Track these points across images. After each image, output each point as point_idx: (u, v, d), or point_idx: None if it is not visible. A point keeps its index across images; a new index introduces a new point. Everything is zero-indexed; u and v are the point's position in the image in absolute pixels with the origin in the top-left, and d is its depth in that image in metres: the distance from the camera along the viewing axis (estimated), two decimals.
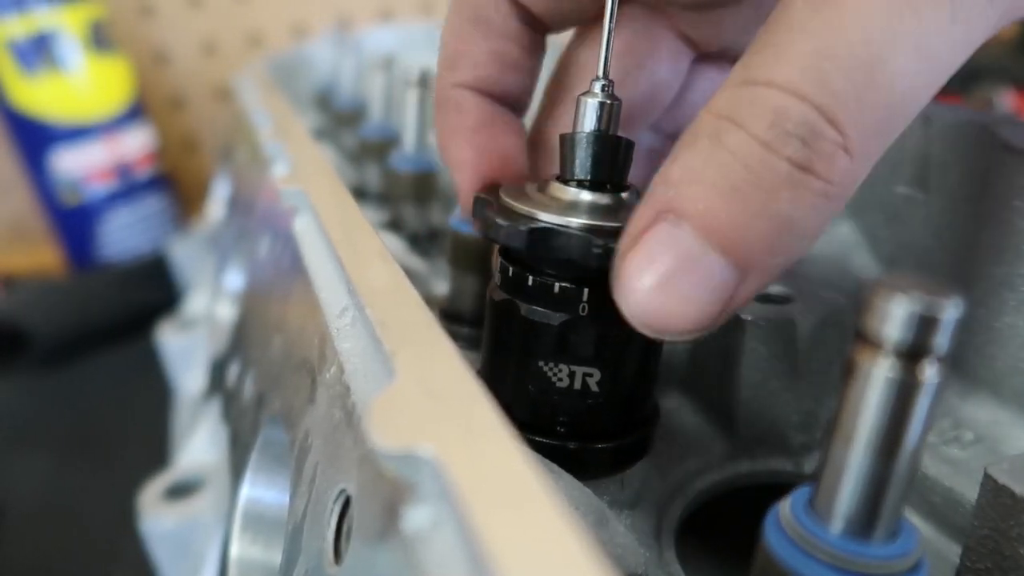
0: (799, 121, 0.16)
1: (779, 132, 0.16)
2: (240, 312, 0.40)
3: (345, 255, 0.21)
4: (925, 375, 0.13)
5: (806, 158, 0.16)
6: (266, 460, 0.26)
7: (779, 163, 0.16)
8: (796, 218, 0.16)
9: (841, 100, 0.16)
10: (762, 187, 0.16)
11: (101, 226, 0.77)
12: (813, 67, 0.16)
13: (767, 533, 0.16)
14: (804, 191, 0.16)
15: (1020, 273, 0.25)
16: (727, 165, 0.16)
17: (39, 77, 0.71)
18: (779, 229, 0.16)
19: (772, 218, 0.16)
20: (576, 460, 0.21)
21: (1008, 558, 0.18)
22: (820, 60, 0.16)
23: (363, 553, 0.14)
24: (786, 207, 0.16)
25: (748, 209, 0.16)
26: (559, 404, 0.21)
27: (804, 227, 0.17)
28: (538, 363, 0.21)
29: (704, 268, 0.17)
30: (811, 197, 0.16)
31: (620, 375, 0.21)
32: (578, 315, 0.20)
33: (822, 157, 0.16)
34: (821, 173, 0.16)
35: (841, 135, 0.16)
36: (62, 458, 0.51)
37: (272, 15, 0.96)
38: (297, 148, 0.34)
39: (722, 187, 0.16)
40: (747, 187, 0.16)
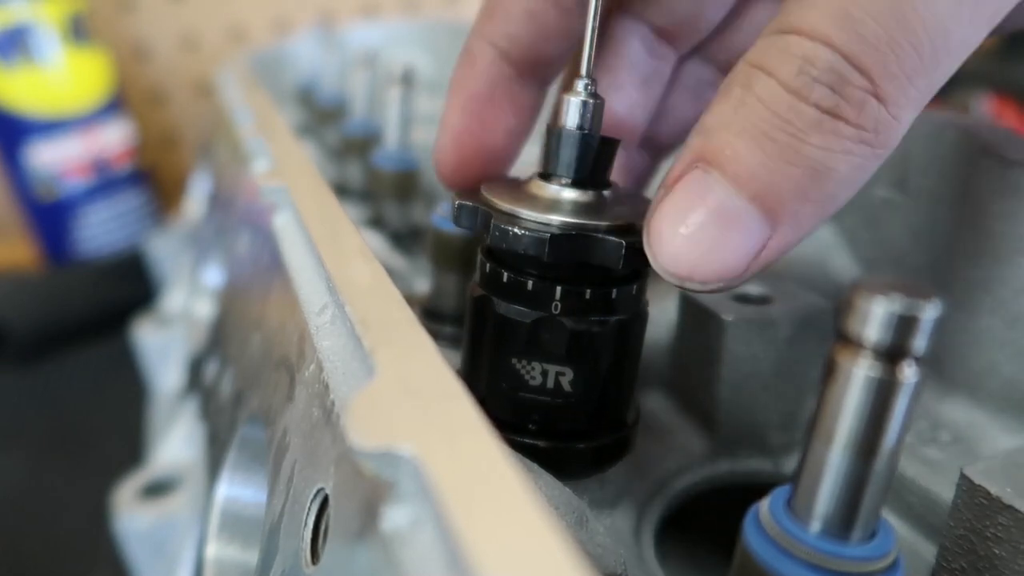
0: (826, 67, 0.16)
1: (806, 79, 0.16)
2: (219, 309, 0.40)
3: (326, 252, 0.21)
4: (904, 375, 0.13)
5: (834, 104, 0.16)
6: (243, 459, 0.26)
7: (807, 109, 0.16)
8: (827, 165, 0.16)
9: (869, 45, 0.15)
10: (790, 133, 0.16)
11: (78, 221, 0.76)
12: (840, 13, 0.16)
13: (746, 533, 0.16)
14: (834, 137, 0.16)
15: (997, 276, 0.25)
16: (756, 112, 0.16)
17: (16, 70, 0.70)
18: (809, 176, 0.16)
19: (801, 164, 0.16)
20: (553, 459, 0.21)
21: (983, 558, 0.18)
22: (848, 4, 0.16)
23: (341, 553, 0.14)
24: (816, 153, 0.16)
25: (777, 155, 0.16)
26: (532, 402, 0.21)
27: (836, 175, 0.16)
28: (511, 360, 0.21)
29: (734, 216, 0.16)
30: (842, 143, 0.16)
31: (594, 375, 0.21)
32: (551, 313, 0.20)
33: (851, 103, 0.16)
34: (851, 119, 0.16)
35: (870, 81, 0.16)
36: (37, 455, 0.50)
37: (254, 10, 0.96)
38: (279, 144, 0.34)
39: (752, 134, 0.16)
40: (776, 133, 0.16)
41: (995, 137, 0.26)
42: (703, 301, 0.26)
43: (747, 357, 0.26)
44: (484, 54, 0.24)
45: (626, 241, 0.18)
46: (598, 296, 0.20)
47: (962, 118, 0.28)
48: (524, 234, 0.19)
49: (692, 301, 0.27)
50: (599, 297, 0.20)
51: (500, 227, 0.19)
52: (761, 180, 0.16)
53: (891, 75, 0.16)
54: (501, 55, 0.24)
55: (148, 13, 0.91)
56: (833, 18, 0.16)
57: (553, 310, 0.20)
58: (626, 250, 0.18)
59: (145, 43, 0.92)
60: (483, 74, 0.24)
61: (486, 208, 0.20)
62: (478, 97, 0.24)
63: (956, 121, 0.27)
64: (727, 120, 0.17)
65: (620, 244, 0.19)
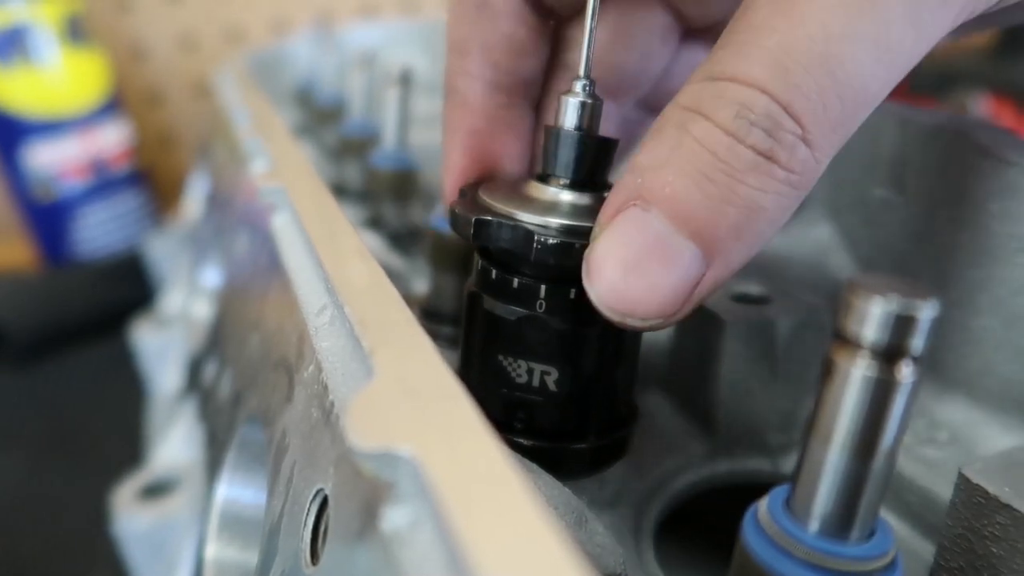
0: (763, 113, 0.16)
1: (743, 122, 0.16)
2: (217, 310, 0.40)
3: (324, 253, 0.21)
4: (902, 374, 0.13)
5: (769, 147, 0.16)
6: (243, 460, 0.26)
7: (744, 151, 0.16)
8: (761, 204, 0.17)
9: (801, 94, 0.16)
10: (728, 173, 0.17)
11: (76, 222, 0.76)
12: (775, 63, 0.16)
13: (745, 532, 0.16)
14: (768, 178, 0.17)
15: (995, 276, 0.25)
16: (694, 152, 0.17)
17: (13, 70, 0.70)
18: (745, 215, 0.17)
19: (738, 204, 0.17)
20: (547, 458, 0.21)
21: (981, 557, 0.18)
22: (782, 55, 0.16)
23: (340, 553, 0.14)
24: (752, 193, 0.17)
25: (715, 194, 0.17)
26: (518, 400, 0.21)
27: (768, 214, 0.17)
28: (498, 357, 0.21)
29: (672, 252, 0.17)
30: (775, 184, 0.17)
31: (579, 375, 0.21)
32: (535, 312, 0.20)
33: (784, 147, 0.17)
34: (783, 162, 0.17)
35: (800, 127, 0.16)
36: (36, 456, 0.50)
37: (252, 10, 0.96)
38: (277, 145, 0.34)
39: (689, 173, 0.17)
40: (714, 173, 0.17)
41: (992, 137, 0.26)
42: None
43: (745, 357, 0.26)
44: (473, 90, 0.24)
45: None
46: (584, 296, 0.20)
47: (960, 118, 0.28)
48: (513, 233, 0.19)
49: None
50: (585, 297, 0.20)
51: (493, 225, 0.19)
52: (700, 218, 0.17)
53: (819, 123, 0.17)
54: (490, 86, 0.24)
55: (146, 13, 0.91)
56: (769, 68, 0.16)
57: (538, 308, 0.20)
58: None
59: (143, 43, 0.92)
60: (479, 110, 0.24)
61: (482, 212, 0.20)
62: (478, 133, 0.24)
63: (953, 121, 0.27)
64: (663, 160, 0.17)
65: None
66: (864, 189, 0.31)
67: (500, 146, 0.24)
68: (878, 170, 0.30)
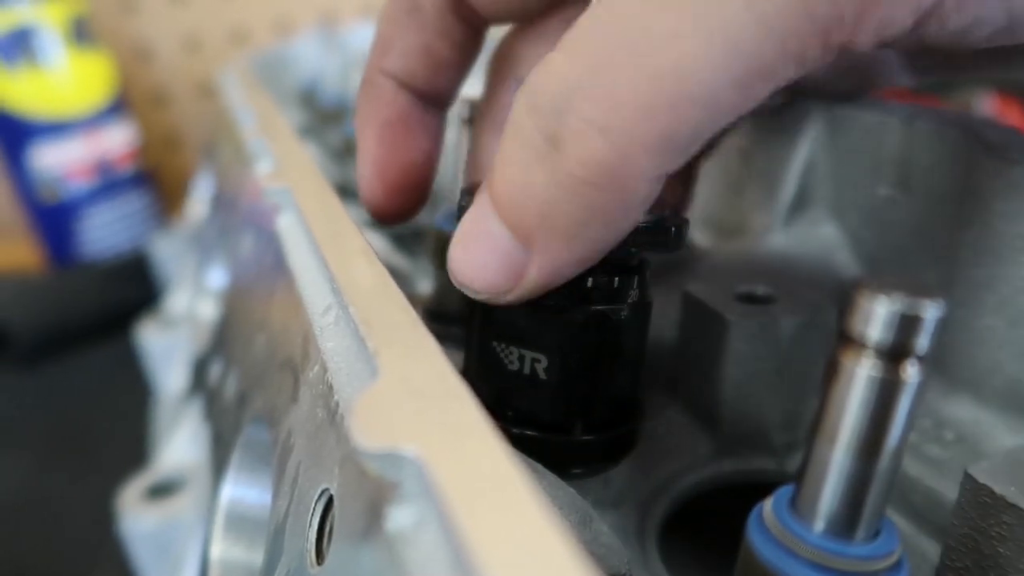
0: (555, 89, 0.15)
1: (533, 101, 0.16)
2: (222, 310, 0.40)
3: (329, 253, 0.21)
4: (907, 374, 0.13)
5: (555, 132, 0.15)
6: (248, 460, 0.26)
7: (533, 136, 0.16)
8: (554, 196, 0.16)
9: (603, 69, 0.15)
10: (521, 161, 0.16)
11: (81, 223, 0.77)
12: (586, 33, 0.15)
13: (750, 532, 0.16)
14: (555, 171, 0.15)
15: (1000, 275, 0.25)
16: (506, 134, 0.17)
17: (19, 72, 0.70)
18: (544, 209, 0.16)
19: (534, 197, 0.16)
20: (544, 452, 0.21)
21: (988, 557, 0.18)
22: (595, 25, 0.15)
23: (345, 553, 0.14)
24: (542, 186, 0.16)
25: (515, 181, 0.16)
26: (510, 388, 0.21)
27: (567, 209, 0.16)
28: (492, 343, 0.21)
29: (489, 236, 0.17)
30: (564, 179, 0.15)
31: (569, 365, 0.20)
32: None
33: (572, 133, 0.15)
34: (570, 152, 0.15)
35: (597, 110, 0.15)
36: (41, 457, 0.50)
37: (256, 11, 0.96)
38: (281, 145, 0.34)
39: (503, 160, 0.17)
40: (513, 159, 0.16)
41: (998, 136, 0.26)
42: (706, 300, 0.26)
43: (750, 356, 0.26)
44: (385, 85, 0.25)
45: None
46: (573, 284, 0.19)
47: (965, 116, 0.27)
48: None
49: (695, 300, 0.27)
50: (574, 285, 0.19)
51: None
52: (507, 204, 0.17)
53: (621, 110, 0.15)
54: (403, 87, 0.25)
55: (150, 15, 0.91)
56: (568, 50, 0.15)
57: None
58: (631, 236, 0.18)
59: (147, 44, 0.92)
60: (389, 104, 0.25)
61: None
62: (391, 124, 0.25)
63: (959, 119, 0.27)
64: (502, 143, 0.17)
65: None
66: (869, 188, 0.31)
67: (411, 139, 0.25)
68: (883, 169, 0.30)
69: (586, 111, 0.15)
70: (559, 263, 0.17)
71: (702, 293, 0.27)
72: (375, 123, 0.25)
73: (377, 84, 0.25)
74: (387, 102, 0.25)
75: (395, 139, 0.25)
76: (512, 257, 0.17)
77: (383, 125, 0.25)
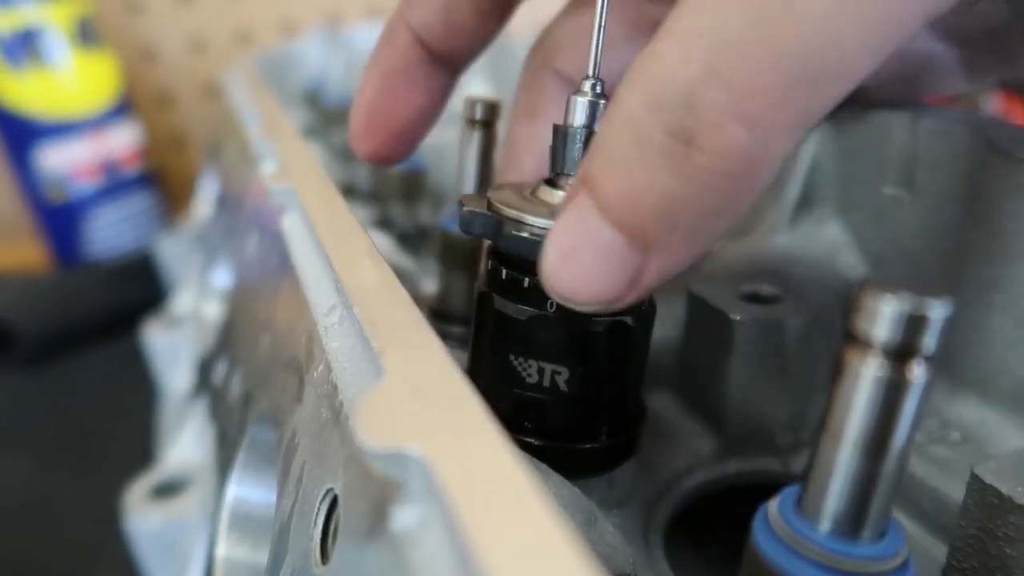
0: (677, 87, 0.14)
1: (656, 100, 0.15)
2: (227, 310, 0.40)
3: (334, 253, 0.21)
4: (913, 374, 0.13)
5: (684, 129, 0.14)
6: (253, 459, 0.26)
7: (656, 134, 0.15)
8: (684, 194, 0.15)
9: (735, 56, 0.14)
10: (643, 160, 0.15)
11: (87, 223, 0.77)
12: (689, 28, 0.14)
13: (755, 533, 0.16)
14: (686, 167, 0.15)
15: (1007, 274, 0.25)
16: (616, 135, 0.16)
17: (25, 73, 0.71)
18: (668, 205, 0.15)
19: (657, 193, 0.15)
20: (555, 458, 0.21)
21: (994, 557, 0.18)
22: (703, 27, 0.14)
23: (350, 553, 0.14)
24: (668, 181, 0.15)
25: (633, 182, 0.15)
26: (529, 400, 0.21)
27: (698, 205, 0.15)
28: (509, 357, 0.21)
29: (601, 242, 0.16)
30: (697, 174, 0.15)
31: (590, 375, 0.21)
32: (546, 311, 0.20)
33: (705, 127, 0.14)
34: (705, 146, 0.14)
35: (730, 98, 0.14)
36: (46, 457, 0.51)
37: (261, 12, 0.96)
38: (286, 146, 0.34)
39: (612, 158, 0.16)
40: (631, 159, 0.15)
41: (1005, 135, 0.26)
42: (711, 301, 0.26)
43: (755, 356, 0.26)
44: (402, 35, 0.25)
45: None
46: None
47: (971, 115, 0.27)
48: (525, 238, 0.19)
49: (700, 300, 0.27)
50: None
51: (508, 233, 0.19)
52: (622, 207, 0.15)
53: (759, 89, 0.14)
54: (416, 39, 0.25)
55: (156, 16, 0.91)
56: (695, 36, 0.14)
57: (548, 308, 0.20)
58: None
59: (153, 45, 0.92)
60: (400, 53, 0.25)
61: (495, 216, 0.20)
62: (393, 73, 0.26)
63: (965, 118, 0.27)
64: (600, 140, 0.16)
65: None
66: (875, 187, 0.30)
67: (409, 94, 0.26)
68: (889, 168, 0.30)
69: (719, 101, 0.14)
70: (679, 261, 0.16)
71: (707, 293, 0.27)
72: (381, 67, 0.26)
73: (395, 33, 0.26)
74: (398, 51, 0.25)
75: (394, 87, 0.26)
76: (628, 262, 0.16)
77: (387, 71, 0.26)
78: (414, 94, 0.26)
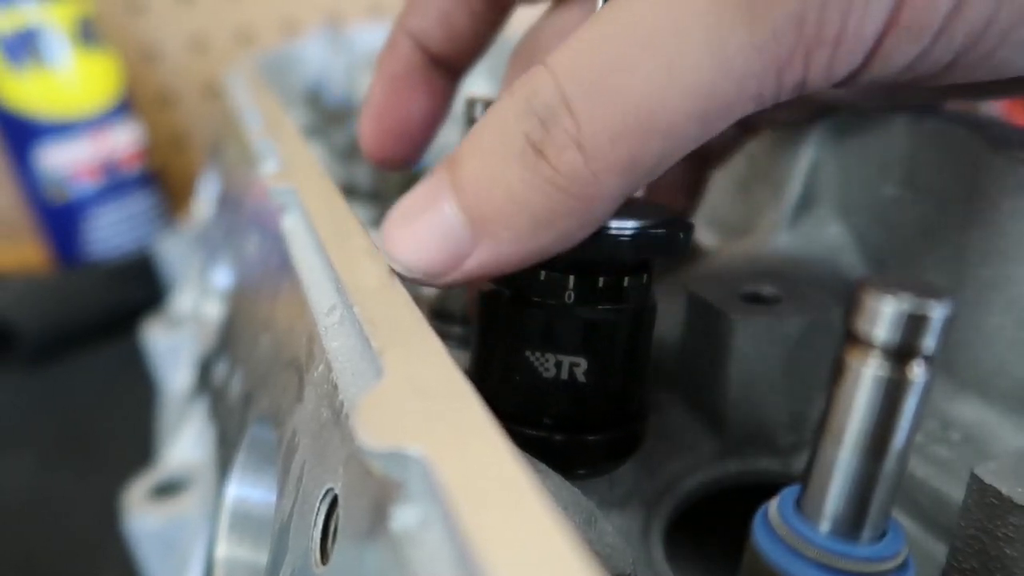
0: (545, 101, 0.16)
1: (527, 107, 0.16)
2: (228, 310, 0.40)
3: (334, 253, 0.21)
4: (914, 374, 0.13)
5: (540, 140, 0.16)
6: (253, 459, 0.26)
7: (517, 137, 0.16)
8: (527, 199, 0.16)
9: (586, 95, 0.16)
10: (499, 155, 0.17)
11: (88, 223, 0.77)
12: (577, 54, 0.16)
13: (755, 533, 0.16)
14: (533, 173, 0.16)
15: (1007, 275, 0.25)
16: (487, 127, 0.17)
17: (26, 73, 0.71)
18: (511, 203, 0.17)
19: (505, 190, 0.16)
20: (568, 452, 0.21)
21: (994, 558, 0.18)
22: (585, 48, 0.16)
23: (350, 553, 0.14)
24: (517, 183, 0.16)
25: (487, 173, 0.17)
26: (546, 395, 0.21)
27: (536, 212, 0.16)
28: (524, 353, 0.21)
29: (442, 214, 0.17)
30: (540, 182, 0.16)
31: (607, 365, 0.21)
32: (564, 303, 0.20)
33: (554, 144, 0.16)
34: (551, 160, 0.16)
35: (576, 129, 0.16)
36: (47, 456, 0.51)
37: (262, 12, 0.96)
38: (287, 146, 0.34)
39: (477, 146, 0.17)
40: (491, 151, 0.17)
41: (1005, 135, 0.26)
42: (711, 301, 0.26)
43: (756, 357, 0.26)
44: (403, 43, 0.27)
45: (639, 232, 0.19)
46: (610, 285, 0.20)
47: (972, 116, 0.27)
48: None
49: (700, 301, 0.27)
50: (611, 286, 0.20)
51: None
52: (471, 190, 0.17)
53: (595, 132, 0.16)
54: (417, 45, 0.26)
55: (157, 16, 0.91)
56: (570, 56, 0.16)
57: (567, 299, 0.20)
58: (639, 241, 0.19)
59: (154, 45, 0.93)
60: (402, 59, 0.27)
61: None
62: (397, 78, 0.27)
63: (966, 118, 0.27)
64: (476, 127, 0.17)
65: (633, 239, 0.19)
66: (875, 188, 0.30)
67: (413, 97, 0.27)
68: (889, 168, 0.30)
69: (569, 127, 0.16)
70: (503, 257, 0.17)
71: (708, 293, 0.27)
72: (385, 74, 0.27)
73: (396, 41, 0.27)
74: (399, 57, 0.27)
75: (398, 91, 0.27)
76: (458, 242, 0.17)
77: (391, 77, 0.27)
78: (418, 96, 0.27)
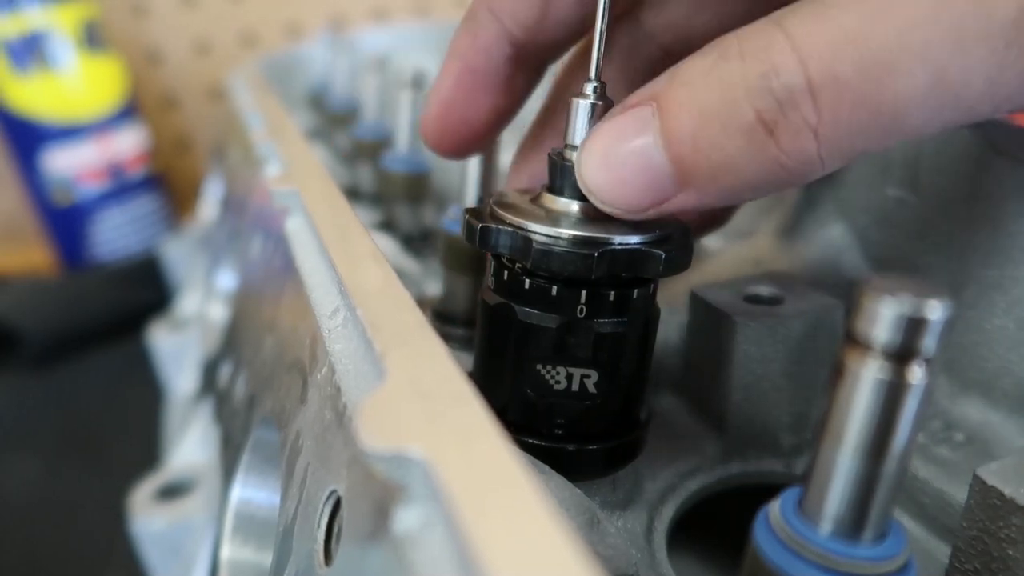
0: (787, 83, 0.16)
1: (765, 84, 0.16)
2: (232, 313, 0.40)
3: (337, 256, 0.21)
4: (914, 376, 0.13)
5: (773, 120, 0.16)
6: (257, 461, 0.26)
7: (748, 112, 0.16)
8: (743, 169, 0.17)
9: (837, 87, 0.15)
10: (722, 123, 0.16)
11: (93, 226, 0.77)
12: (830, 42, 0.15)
13: (757, 534, 0.16)
14: (758, 150, 0.16)
15: (1010, 275, 0.25)
16: (711, 87, 0.17)
17: (31, 76, 0.71)
18: (725, 168, 0.17)
19: (723, 157, 0.17)
20: (569, 461, 0.21)
21: (997, 559, 0.18)
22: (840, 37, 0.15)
23: (353, 554, 0.14)
24: (737, 154, 0.16)
25: (706, 135, 0.17)
26: (557, 406, 0.21)
27: (749, 180, 0.17)
28: (535, 366, 0.21)
29: (651, 165, 0.17)
30: (761, 158, 0.16)
31: (617, 376, 0.21)
32: (576, 317, 0.20)
33: (790, 129, 0.16)
34: (782, 143, 0.16)
35: (818, 119, 0.16)
36: (53, 458, 0.51)
37: (266, 15, 0.96)
38: (290, 148, 0.34)
39: (698, 104, 0.17)
40: (714, 116, 0.16)
41: (1008, 136, 0.26)
42: (714, 302, 0.26)
43: (758, 358, 0.26)
44: (488, 28, 0.23)
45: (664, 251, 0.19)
46: (620, 298, 0.20)
47: None
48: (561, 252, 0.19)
49: (703, 302, 0.27)
50: (621, 299, 0.20)
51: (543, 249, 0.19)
52: (685, 148, 0.17)
53: (839, 125, 0.16)
54: (504, 33, 0.23)
55: (161, 19, 0.92)
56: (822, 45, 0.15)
57: (579, 314, 0.20)
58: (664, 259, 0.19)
59: (158, 49, 0.93)
60: (483, 50, 0.23)
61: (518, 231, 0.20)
62: (474, 71, 0.24)
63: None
64: (692, 79, 0.17)
65: (660, 255, 0.19)
66: (877, 189, 0.30)
67: (487, 95, 0.24)
68: (891, 169, 0.30)
69: (810, 115, 0.16)
70: (703, 204, 0.18)
71: (710, 294, 0.27)
72: (461, 62, 0.24)
73: (479, 22, 0.23)
74: (480, 46, 0.23)
75: (473, 88, 0.24)
76: (663, 187, 0.17)
77: (467, 69, 0.24)
78: (493, 94, 0.24)
